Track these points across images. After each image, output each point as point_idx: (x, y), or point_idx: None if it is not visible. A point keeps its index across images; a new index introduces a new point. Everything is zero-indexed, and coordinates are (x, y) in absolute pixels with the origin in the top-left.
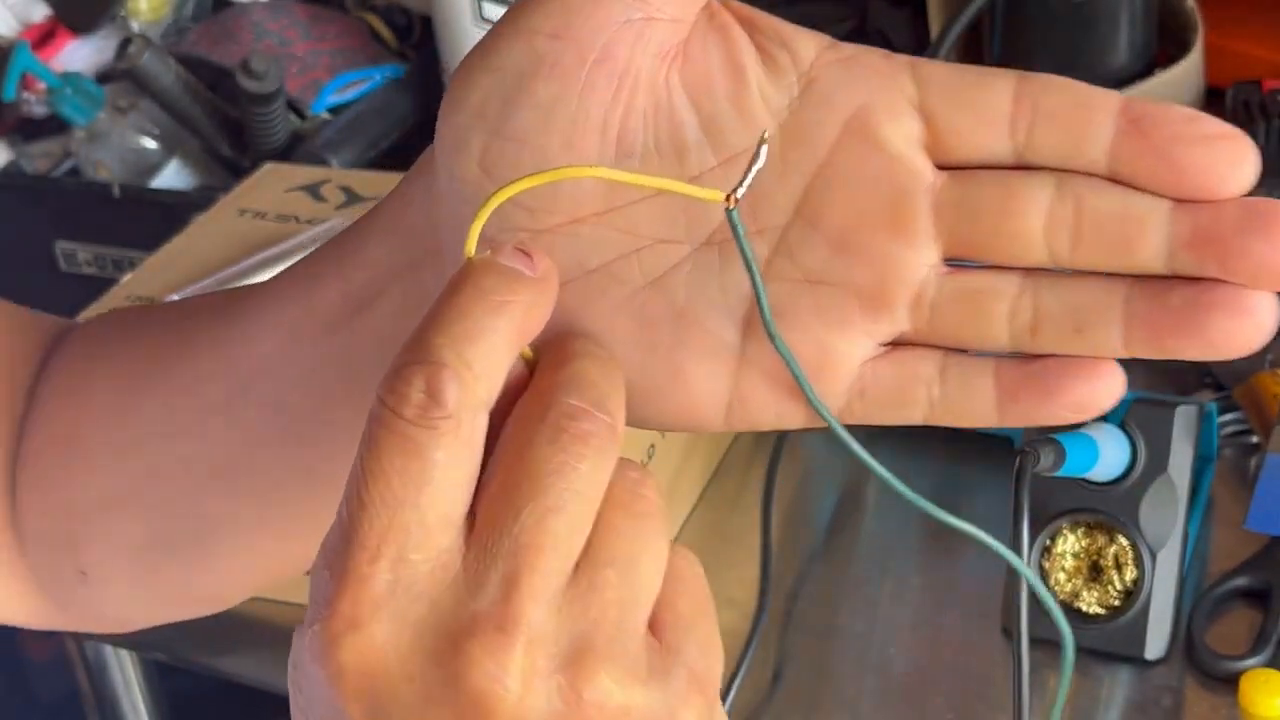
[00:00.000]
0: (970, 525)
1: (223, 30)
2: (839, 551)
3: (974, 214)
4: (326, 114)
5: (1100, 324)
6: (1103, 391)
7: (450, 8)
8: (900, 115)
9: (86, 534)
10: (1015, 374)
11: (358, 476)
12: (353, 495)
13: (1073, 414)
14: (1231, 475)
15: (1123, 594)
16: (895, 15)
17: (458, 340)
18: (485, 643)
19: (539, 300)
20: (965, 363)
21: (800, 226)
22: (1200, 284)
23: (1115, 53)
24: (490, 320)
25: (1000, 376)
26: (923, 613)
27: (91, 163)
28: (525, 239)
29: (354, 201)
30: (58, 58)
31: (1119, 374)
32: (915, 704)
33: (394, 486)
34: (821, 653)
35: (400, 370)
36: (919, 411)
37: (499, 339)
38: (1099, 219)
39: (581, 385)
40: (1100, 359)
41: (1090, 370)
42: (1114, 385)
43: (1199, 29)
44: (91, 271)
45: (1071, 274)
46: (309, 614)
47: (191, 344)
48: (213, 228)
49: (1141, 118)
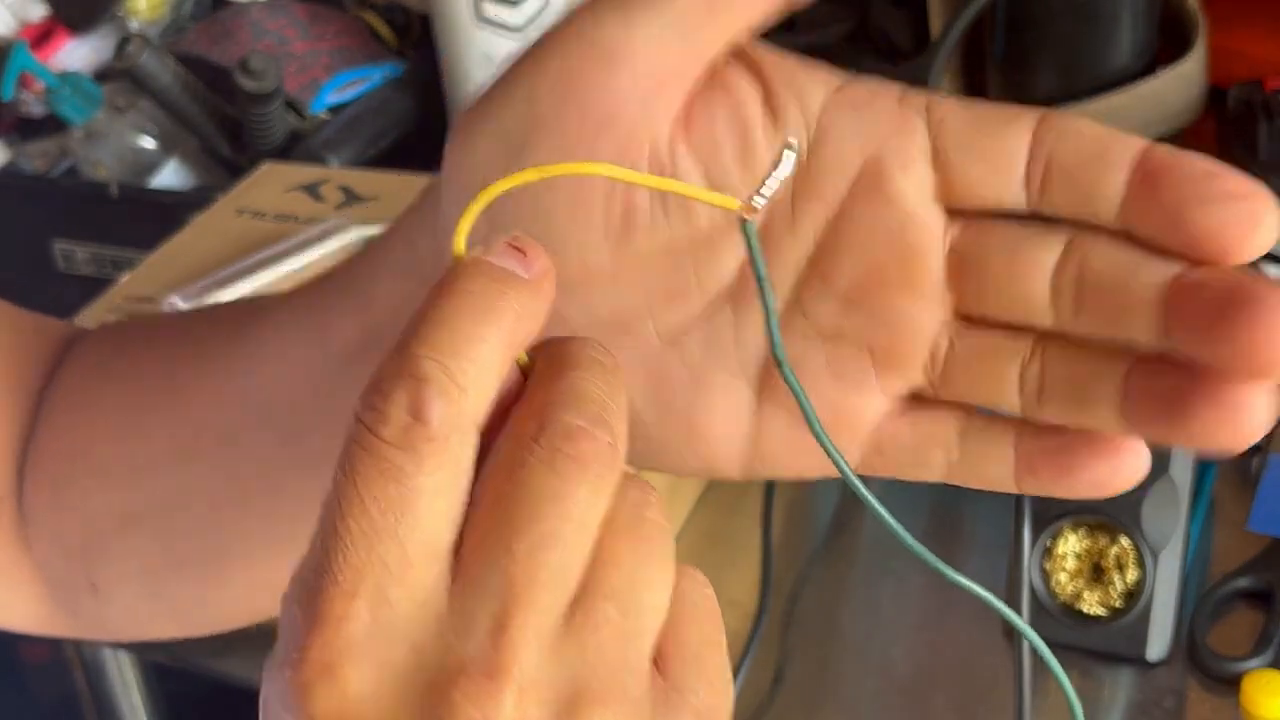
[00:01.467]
0: (968, 581)
1: (221, 29)
2: (840, 552)
3: (982, 274)
4: (325, 113)
5: (1097, 399)
6: (1123, 472)
7: (449, 7)
8: (913, 165)
9: (99, 549)
10: (1034, 446)
11: (332, 504)
12: (327, 524)
13: (1090, 492)
14: (1233, 476)
15: (1124, 595)
16: (896, 15)
17: (443, 351)
18: (472, 691)
19: (534, 304)
20: (987, 428)
21: (812, 281)
22: (1189, 367)
23: (1117, 52)
24: (479, 329)
25: (1020, 447)
26: (924, 614)
27: (90, 162)
28: (519, 234)
29: (353, 201)
30: (56, 57)
31: (1141, 454)
32: (917, 705)
33: (372, 515)
34: (822, 654)
35: (379, 385)
36: (936, 471)
37: (489, 349)
38: (1099, 283)
39: (580, 400)
40: (1121, 437)
41: (1110, 450)
42: (1134, 466)
43: (1201, 27)
44: (89, 271)
45: (1081, 341)
46: (278, 651)
47: (203, 366)
48: (211, 227)
49: (1156, 171)
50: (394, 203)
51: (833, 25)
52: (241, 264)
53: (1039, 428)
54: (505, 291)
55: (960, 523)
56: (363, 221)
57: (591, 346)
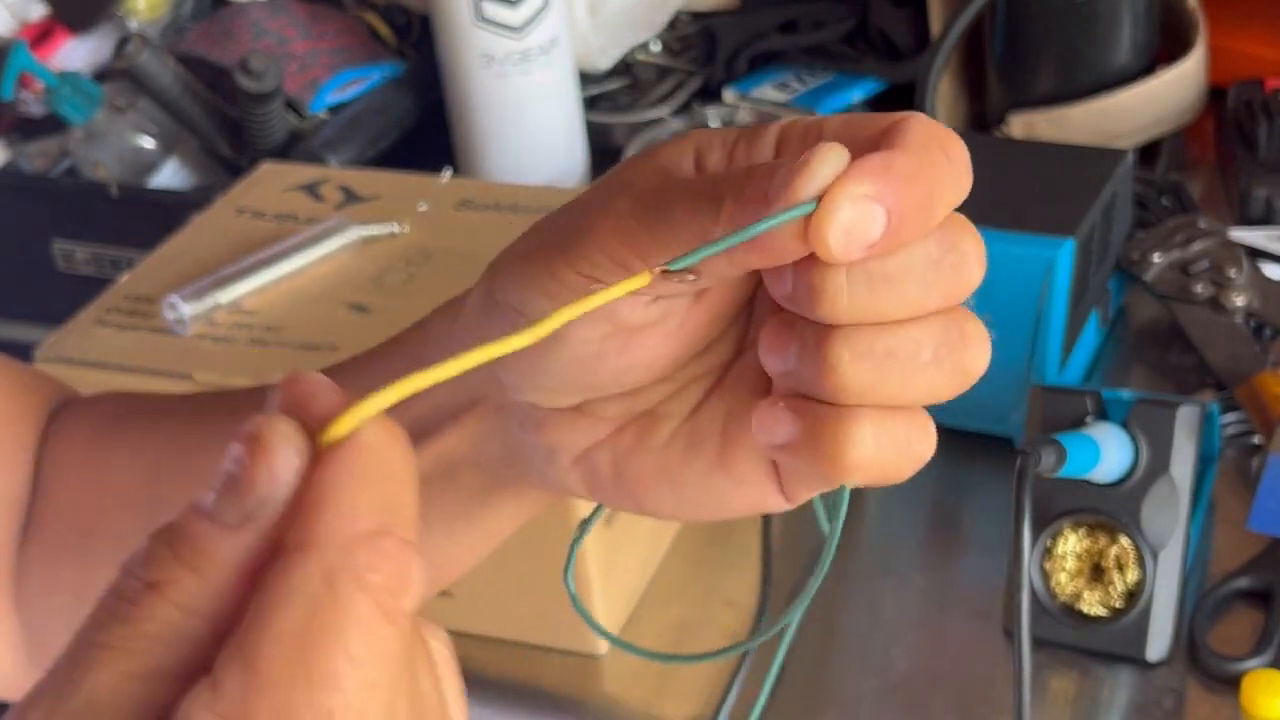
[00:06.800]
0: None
1: (221, 29)
2: (840, 552)
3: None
4: (325, 113)
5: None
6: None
7: (449, 6)
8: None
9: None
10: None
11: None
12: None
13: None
14: (1233, 476)
15: (1124, 595)
16: (896, 15)
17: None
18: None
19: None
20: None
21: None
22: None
23: (1116, 52)
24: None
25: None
26: (924, 614)
27: (89, 162)
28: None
29: (353, 201)
30: (55, 56)
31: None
32: (916, 705)
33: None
34: (822, 654)
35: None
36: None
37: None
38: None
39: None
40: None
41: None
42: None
43: (1201, 28)
44: (89, 271)
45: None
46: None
47: (217, 440)
48: (211, 227)
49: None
50: (394, 202)
51: (833, 25)
52: (241, 264)
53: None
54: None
55: (960, 523)
56: (362, 221)
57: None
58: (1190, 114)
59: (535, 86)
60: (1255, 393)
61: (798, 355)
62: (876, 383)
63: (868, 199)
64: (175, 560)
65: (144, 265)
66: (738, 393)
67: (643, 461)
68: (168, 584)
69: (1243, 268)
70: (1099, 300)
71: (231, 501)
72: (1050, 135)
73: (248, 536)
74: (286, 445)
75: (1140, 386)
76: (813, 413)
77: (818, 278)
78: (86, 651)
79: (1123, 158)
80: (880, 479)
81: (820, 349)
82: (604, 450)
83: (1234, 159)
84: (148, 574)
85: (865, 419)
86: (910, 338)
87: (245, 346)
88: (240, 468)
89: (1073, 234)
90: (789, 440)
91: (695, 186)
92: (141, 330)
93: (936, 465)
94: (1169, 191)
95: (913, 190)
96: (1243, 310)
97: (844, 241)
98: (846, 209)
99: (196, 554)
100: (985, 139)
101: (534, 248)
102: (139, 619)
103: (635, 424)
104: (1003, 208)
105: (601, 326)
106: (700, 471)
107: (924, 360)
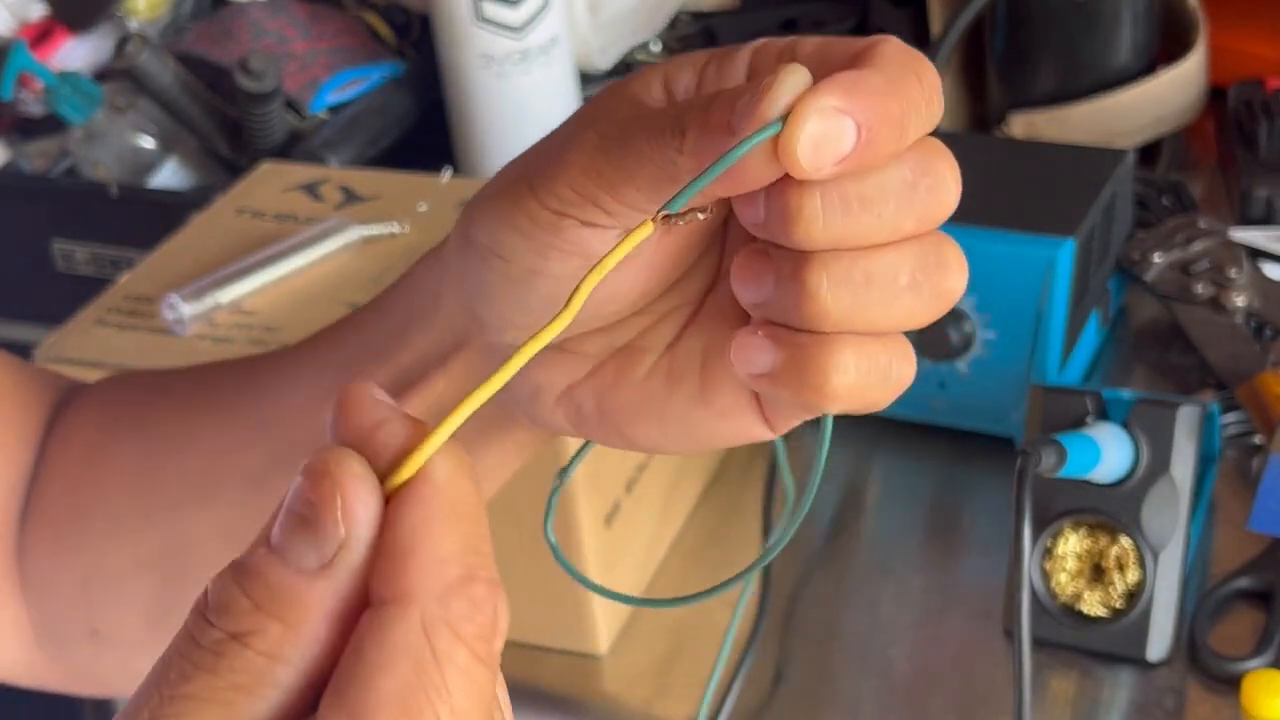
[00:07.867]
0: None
1: (221, 29)
2: (839, 552)
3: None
4: (325, 113)
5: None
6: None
7: (449, 6)
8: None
9: (105, 597)
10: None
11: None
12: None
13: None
14: (1234, 476)
15: (1125, 595)
16: (896, 15)
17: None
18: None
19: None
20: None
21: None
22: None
23: (1117, 52)
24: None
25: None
26: (924, 614)
27: (89, 162)
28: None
29: (352, 201)
30: (55, 56)
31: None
32: (916, 706)
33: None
34: (822, 654)
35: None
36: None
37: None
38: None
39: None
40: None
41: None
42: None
43: (1201, 28)
44: (89, 271)
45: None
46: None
47: (223, 415)
48: (211, 227)
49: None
50: (394, 202)
51: (833, 25)
52: (241, 264)
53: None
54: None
55: (960, 522)
56: (362, 221)
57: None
58: (1191, 114)
59: (535, 86)
60: (1256, 393)
61: (774, 284)
62: (856, 308)
63: (837, 111)
64: (256, 609)
65: (144, 265)
66: (715, 324)
67: (625, 396)
68: (253, 634)
69: (1243, 268)
70: (1099, 300)
71: (308, 546)
72: (1051, 135)
73: (333, 583)
74: (359, 485)
75: (1141, 386)
76: (793, 341)
77: (793, 201)
78: (176, 705)
79: (1123, 157)
80: (862, 406)
81: (798, 276)
82: (586, 386)
83: (1234, 159)
84: (231, 624)
85: (846, 345)
86: (888, 262)
87: (245, 347)
88: (312, 510)
89: (1073, 234)
90: (769, 370)
91: (659, 117)
92: (141, 330)
93: (936, 465)
94: (1169, 191)
95: (883, 105)
96: (1243, 310)
97: (813, 155)
98: (814, 121)
99: (277, 602)
100: (986, 139)
101: (504, 185)
102: (226, 670)
103: (615, 359)
104: (1003, 208)
105: (574, 261)
106: (682, 404)
107: (902, 285)
